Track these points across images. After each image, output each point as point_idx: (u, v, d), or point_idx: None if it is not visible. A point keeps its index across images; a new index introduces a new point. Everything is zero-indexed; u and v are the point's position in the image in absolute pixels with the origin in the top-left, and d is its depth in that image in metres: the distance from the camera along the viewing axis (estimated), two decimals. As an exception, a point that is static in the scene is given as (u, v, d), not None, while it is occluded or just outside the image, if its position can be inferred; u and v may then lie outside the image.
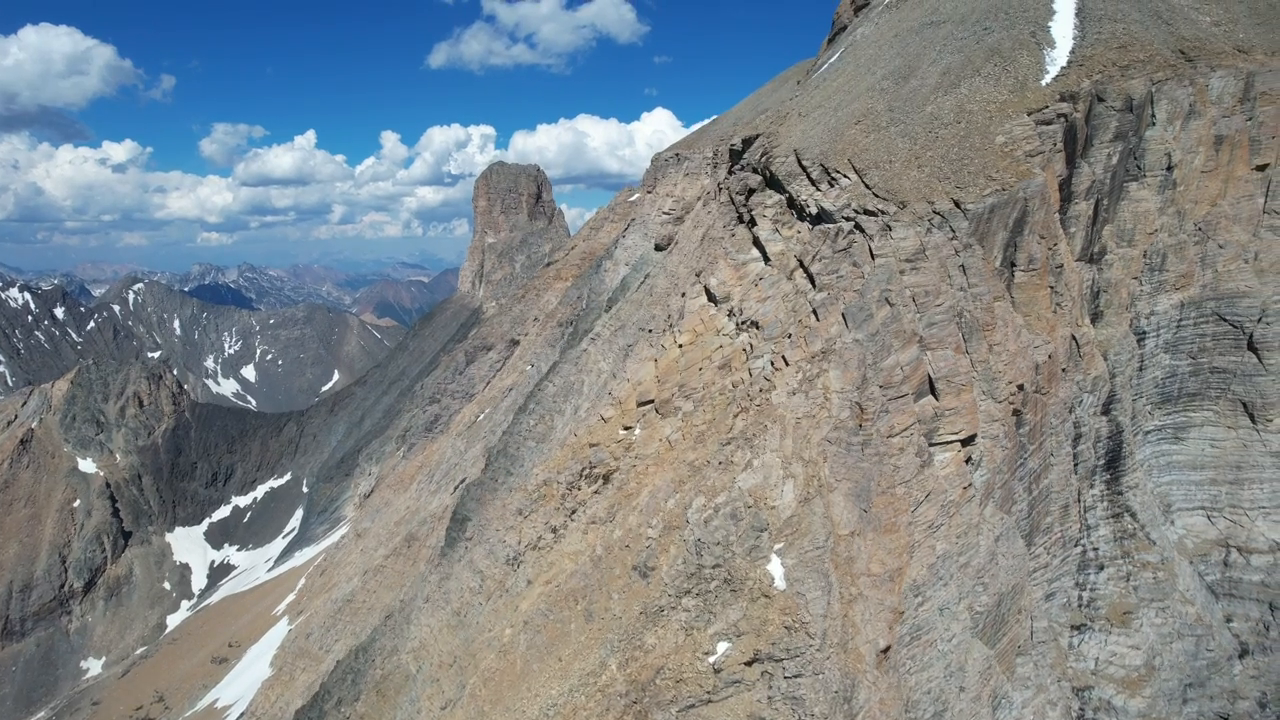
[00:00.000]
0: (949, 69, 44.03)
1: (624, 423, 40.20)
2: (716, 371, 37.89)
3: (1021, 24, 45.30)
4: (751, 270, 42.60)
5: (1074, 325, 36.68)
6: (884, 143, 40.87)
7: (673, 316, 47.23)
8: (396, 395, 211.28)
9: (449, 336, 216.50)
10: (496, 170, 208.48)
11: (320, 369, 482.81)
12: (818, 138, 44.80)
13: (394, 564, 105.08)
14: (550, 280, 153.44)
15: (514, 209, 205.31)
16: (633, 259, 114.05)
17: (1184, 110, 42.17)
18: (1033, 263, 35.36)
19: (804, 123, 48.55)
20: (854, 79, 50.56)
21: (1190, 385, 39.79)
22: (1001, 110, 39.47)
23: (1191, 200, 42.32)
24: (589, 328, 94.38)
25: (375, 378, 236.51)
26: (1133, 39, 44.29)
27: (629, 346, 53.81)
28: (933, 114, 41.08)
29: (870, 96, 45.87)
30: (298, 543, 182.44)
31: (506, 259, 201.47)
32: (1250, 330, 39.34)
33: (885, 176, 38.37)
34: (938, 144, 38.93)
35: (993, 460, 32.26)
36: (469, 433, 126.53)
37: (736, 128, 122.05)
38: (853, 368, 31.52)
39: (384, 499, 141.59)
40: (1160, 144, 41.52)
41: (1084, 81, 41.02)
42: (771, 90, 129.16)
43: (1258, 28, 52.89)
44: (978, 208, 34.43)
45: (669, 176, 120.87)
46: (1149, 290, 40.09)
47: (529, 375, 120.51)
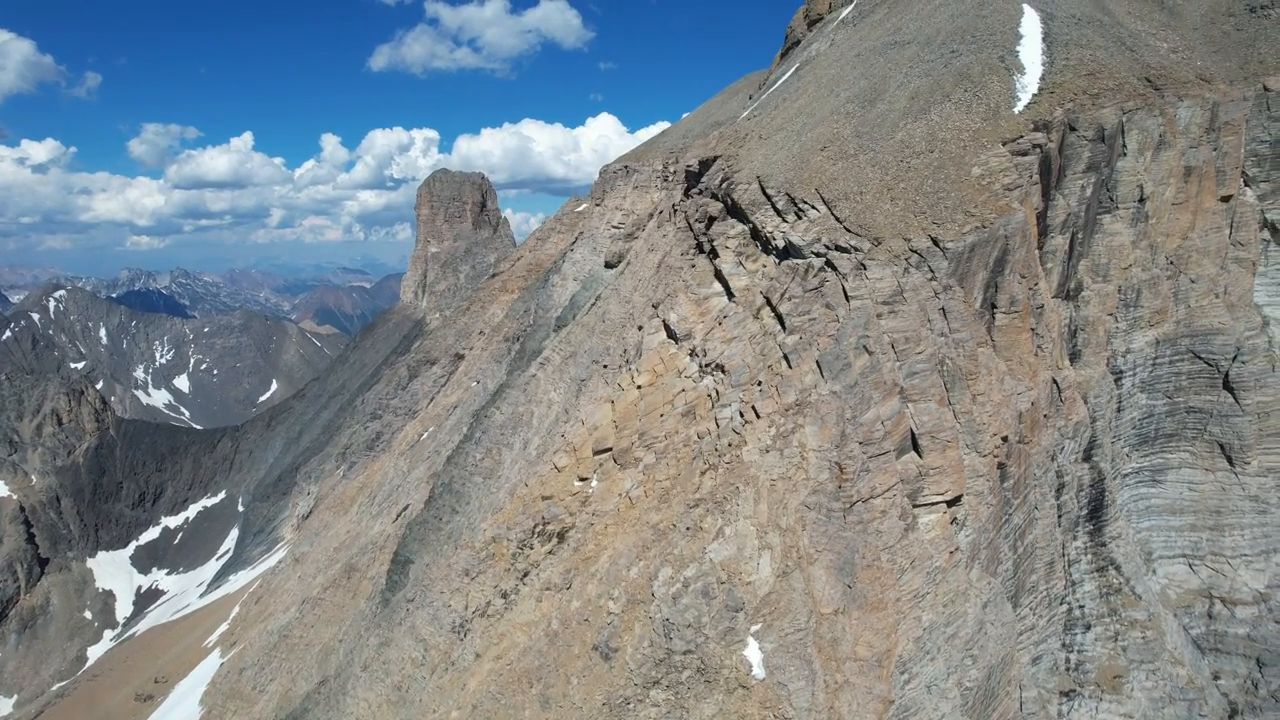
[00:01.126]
0: (917, 93, 42.09)
1: (579, 473, 37.10)
2: (679, 419, 35.08)
3: (990, 48, 43.66)
4: (714, 306, 39.94)
5: (1055, 368, 34.94)
6: (853, 172, 38.65)
7: (629, 352, 44.32)
8: (337, 410, 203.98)
9: (391, 349, 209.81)
10: (440, 178, 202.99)
11: (258, 379, 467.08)
12: (782, 163, 42.42)
13: (333, 596, 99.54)
14: (496, 292, 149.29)
15: (458, 218, 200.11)
16: (581, 274, 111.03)
17: (1154, 140, 41.01)
18: (1014, 304, 33.45)
19: (766, 146, 46.15)
20: (817, 100, 48.39)
21: (1167, 426, 38.50)
22: (975, 139, 37.58)
23: (1163, 233, 41.15)
24: (537, 348, 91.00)
25: (314, 391, 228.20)
26: (1100, 66, 43.01)
27: (582, 381, 50.70)
28: (903, 141, 39.02)
29: (836, 120, 43.68)
30: (232, 565, 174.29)
31: (450, 269, 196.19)
32: (1225, 368, 38.21)
33: (857, 209, 36.10)
34: (910, 175, 36.84)
35: (978, 519, 30.13)
36: (412, 452, 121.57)
37: (687, 140, 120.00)
38: (831, 423, 29.02)
39: (323, 521, 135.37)
40: (1132, 175, 40.25)
41: (1056, 110, 39.45)
42: (721, 102, 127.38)
43: (1214, 55, 52.52)
44: (957, 247, 32.35)
45: (618, 189, 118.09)
46: (1125, 327, 38.69)
47: (474, 392, 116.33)
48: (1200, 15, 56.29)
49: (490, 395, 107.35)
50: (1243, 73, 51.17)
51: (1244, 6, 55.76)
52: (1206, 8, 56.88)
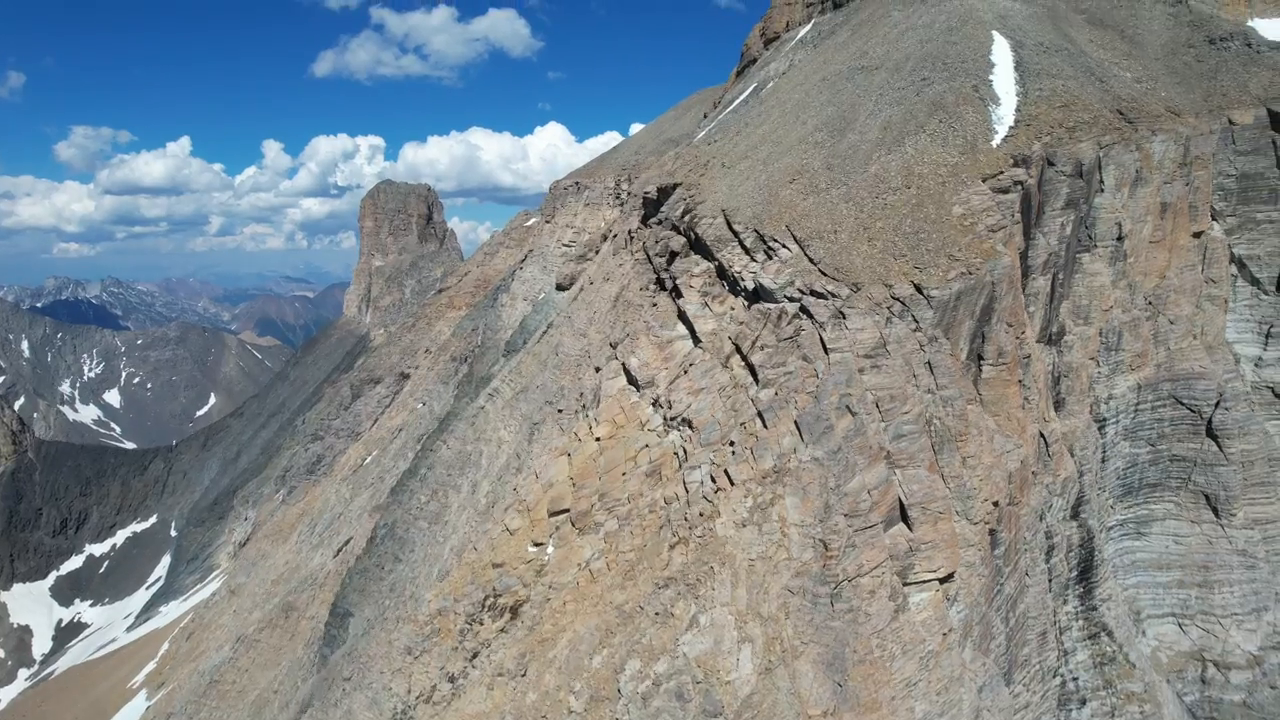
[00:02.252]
0: (890, 123, 39.98)
1: (534, 537, 33.80)
2: (643, 479, 32.07)
3: (962, 76, 41.84)
4: (678, 350, 37.08)
5: (1042, 420, 32.91)
6: (826, 207, 36.25)
7: (586, 397, 41.18)
8: (276, 429, 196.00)
9: (334, 366, 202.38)
10: (384, 189, 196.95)
11: (194, 392, 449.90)
12: (749, 196, 39.85)
13: (269, 637, 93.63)
14: (442, 308, 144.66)
15: (403, 230, 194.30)
16: (532, 294, 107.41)
17: (1131, 176, 39.59)
18: (1003, 356, 31.33)
19: (730, 176, 43.57)
20: (782, 127, 46.05)
21: (1151, 475, 36.89)
22: (954, 175, 35.52)
23: (1141, 272, 39.71)
24: (486, 374, 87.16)
25: (253, 409, 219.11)
26: (1074, 98, 41.54)
27: (535, 424, 47.35)
28: (878, 175, 36.77)
29: (804, 150, 41.34)
30: (163, 595, 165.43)
31: (395, 283, 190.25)
32: (1208, 415, 36.77)
33: (832, 250, 33.65)
34: (887, 212, 34.55)
35: (970, 593, 27.76)
36: (355, 478, 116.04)
37: (640, 156, 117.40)
38: (813, 494, 26.33)
39: (261, 550, 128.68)
40: (1110, 212, 38.71)
41: (1034, 144, 37.68)
42: (674, 118, 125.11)
43: (1178, 86, 51.80)
44: (943, 295, 30.07)
45: (569, 206, 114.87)
46: (1107, 372, 36.99)
47: (420, 415, 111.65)
48: (1161, 45, 55.76)
49: (437, 422, 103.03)
50: (1207, 105, 50.54)
51: (1203, 38, 55.36)
52: (1166, 38, 56.40)
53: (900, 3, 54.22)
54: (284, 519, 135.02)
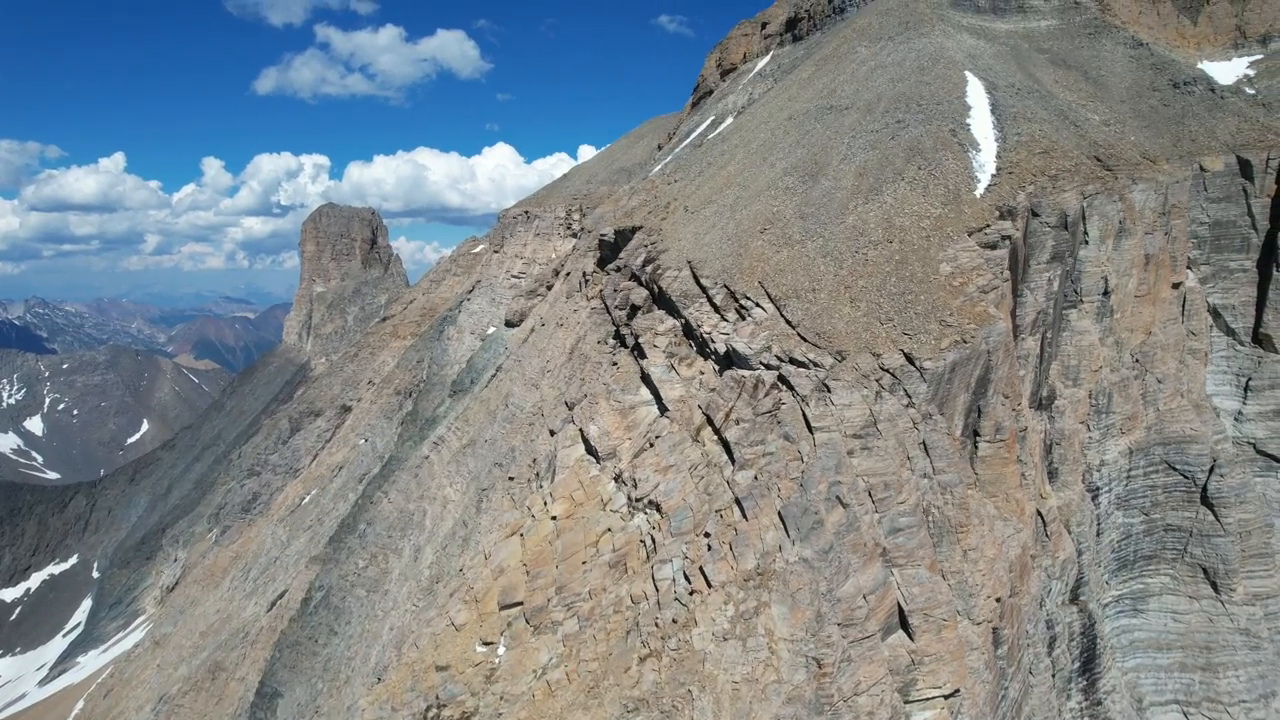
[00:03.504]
0: (865, 168, 37.48)
1: (483, 634, 29.89)
2: (607, 571, 28.49)
3: (938, 119, 39.66)
4: (642, 418, 33.72)
5: (1039, 498, 30.36)
6: (802, 262, 33.40)
7: (540, 465, 37.46)
8: (211, 463, 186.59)
9: (272, 395, 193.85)
10: (327, 213, 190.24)
11: (126, 419, 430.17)
12: (716, 247, 36.86)
13: (194, 702, 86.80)
14: (386, 338, 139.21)
15: (346, 255, 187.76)
16: (480, 328, 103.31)
17: (1114, 227, 37.74)
18: (1000, 432, 28.70)
19: (695, 222, 40.59)
20: (749, 169, 43.31)
21: (1145, 546, 34.69)
22: (938, 228, 33.03)
23: (1127, 328, 37.78)
24: (431, 416, 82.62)
25: (186, 441, 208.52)
26: (1053, 144, 39.69)
27: (484, 490, 43.37)
28: (856, 228, 34.11)
29: (774, 196, 38.58)
30: (82, 644, 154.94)
31: (337, 310, 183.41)
32: (1202, 481, 34.77)
33: (811, 312, 30.73)
34: (869, 269, 31.82)
35: (975, 703, 24.80)
36: (292, 519, 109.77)
37: (591, 185, 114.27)
38: (804, 602, 23.10)
39: (190, 596, 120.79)
40: (1096, 265, 36.74)
41: (1018, 194, 35.52)
42: (626, 146, 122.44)
43: (1146, 130, 50.72)
44: (937, 367, 27.31)
45: (518, 235, 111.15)
46: (1098, 437, 34.79)
47: (362, 451, 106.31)
48: (1125, 88, 54.91)
49: (380, 461, 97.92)
50: (1176, 150, 49.54)
51: (1167, 82, 54.66)
52: (1130, 81, 55.61)
53: (866, 39, 52.27)
54: (216, 562, 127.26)
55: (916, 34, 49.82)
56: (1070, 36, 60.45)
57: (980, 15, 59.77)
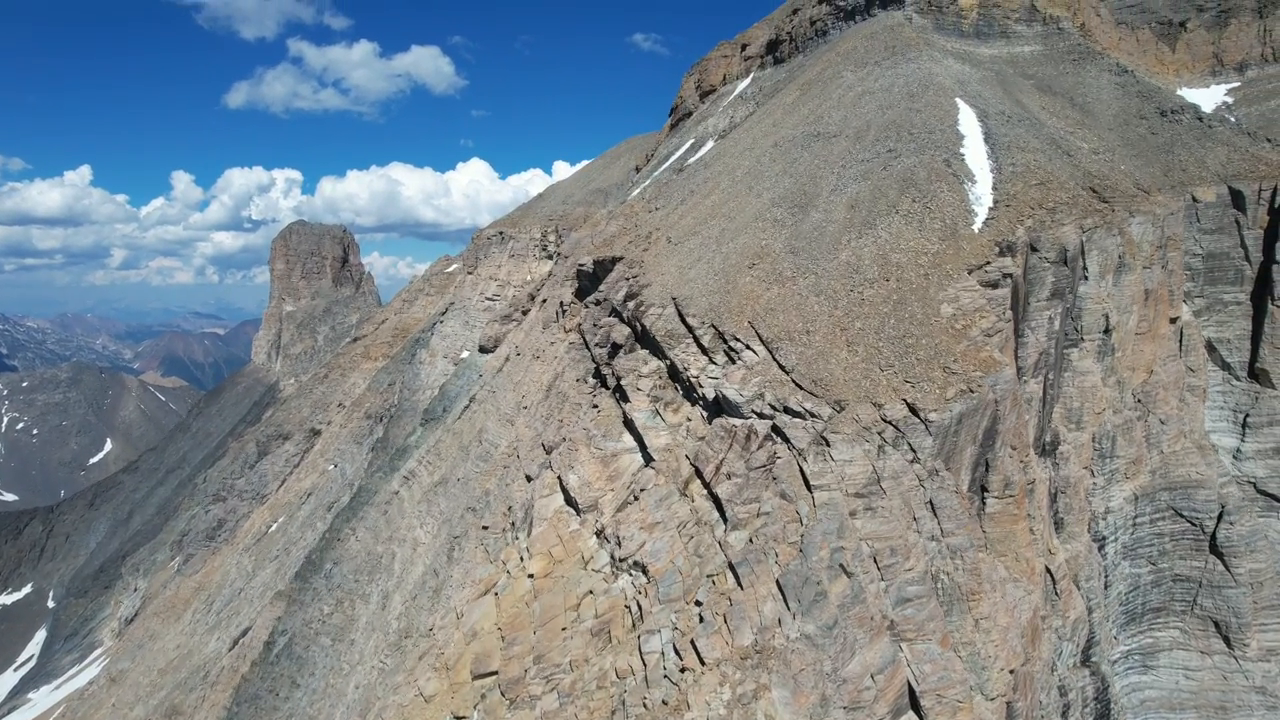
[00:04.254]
0: (857, 200, 35.83)
1: (454, 707, 27.46)
2: (589, 640, 26.22)
3: (931, 149, 38.18)
4: (625, 467, 31.57)
5: (1047, 554, 28.62)
6: (794, 300, 31.56)
7: (515, 513, 35.13)
8: (174, 487, 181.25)
9: (239, 417, 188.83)
10: (297, 230, 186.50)
11: (88, 438, 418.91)
12: (703, 282, 34.93)
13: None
14: (357, 359, 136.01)
15: (317, 274, 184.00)
16: (453, 351, 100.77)
17: (1114, 262, 36.39)
18: (1009, 488, 26.93)
19: (678, 254, 38.67)
20: (734, 198, 41.54)
21: (1154, 598, 33.10)
22: (937, 266, 31.37)
23: (1129, 367, 36.36)
24: (403, 446, 79.80)
25: (150, 464, 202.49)
26: (1049, 175, 38.35)
27: (456, 538, 40.87)
28: (850, 264, 32.36)
29: (762, 228, 36.80)
30: (34, 679, 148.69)
31: (307, 330, 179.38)
32: (1210, 529, 33.27)
33: (806, 356, 28.84)
34: (866, 310, 30.03)
35: (989, 789, 22.84)
36: (258, 548, 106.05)
37: (567, 206, 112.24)
38: (807, 685, 21.02)
39: (149, 629, 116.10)
40: (1096, 302, 35.31)
41: (1017, 228, 34.03)
42: (603, 166, 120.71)
43: (1135, 159, 49.77)
44: (943, 419, 25.50)
45: (492, 257, 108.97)
46: (1102, 483, 33.21)
47: (331, 477, 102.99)
48: (1112, 115, 54.12)
49: (349, 489, 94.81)
50: (1167, 180, 48.64)
51: (1154, 110, 53.92)
52: (1116, 108, 54.85)
53: (852, 63, 50.94)
54: (178, 593, 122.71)
55: (904, 59, 48.56)
56: (1054, 62, 59.73)
57: (964, 40, 58.85)
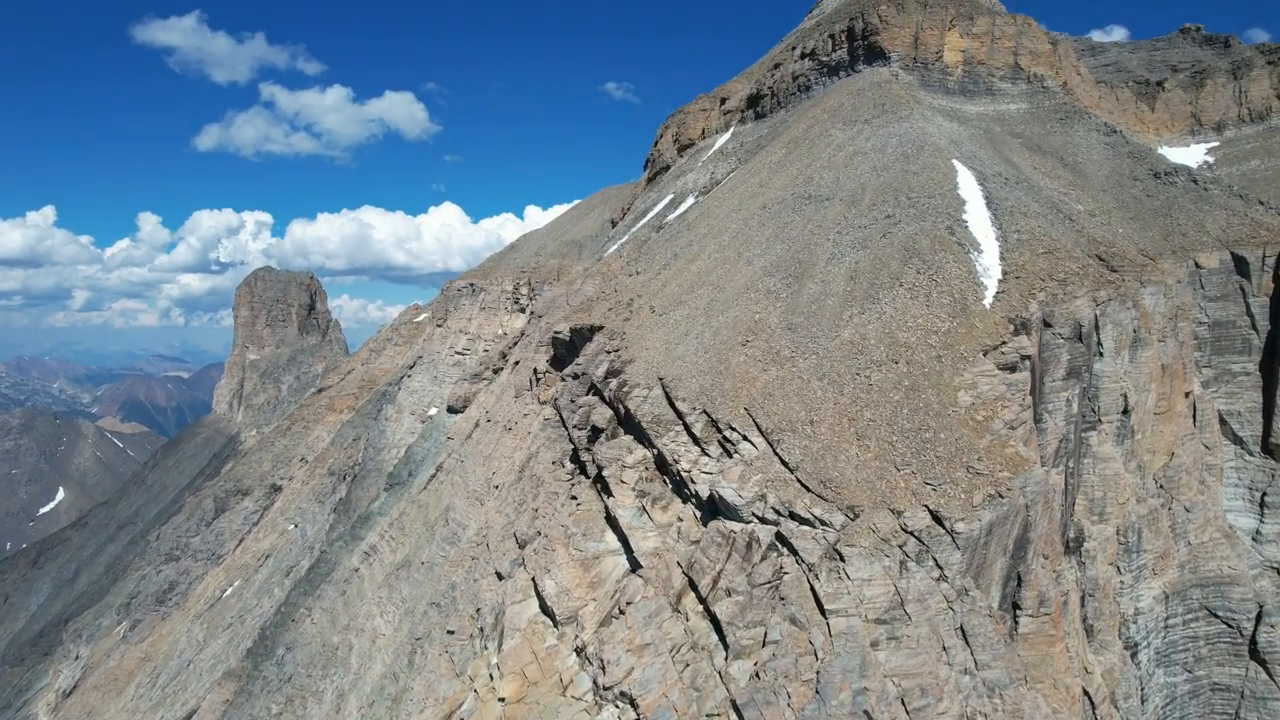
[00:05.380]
0: (857, 271, 33.24)
1: None
2: (569, 790, 22.43)
3: (933, 215, 35.87)
4: (608, 572, 28.09)
5: (1083, 673, 25.51)
6: (795, 384, 28.61)
7: (484, 617, 31.35)
8: (125, 544, 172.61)
9: (198, 470, 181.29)
10: (263, 276, 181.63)
11: (39, 487, 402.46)
12: (692, 360, 31.91)
13: None
14: (322, 411, 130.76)
15: (282, 321, 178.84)
16: (421, 408, 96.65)
17: (1129, 337, 34.04)
18: (1045, 605, 23.93)
19: (664, 327, 35.68)
20: (722, 265, 38.82)
21: (1192, 711, 30.10)
22: (949, 346, 28.68)
23: (1149, 450, 33.83)
24: (365, 514, 75.28)
25: (100, 518, 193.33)
26: (1055, 243, 36.18)
27: (418, 640, 36.75)
28: (854, 343, 29.57)
29: (754, 300, 34.01)
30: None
31: (271, 379, 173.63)
32: (1249, 631, 30.44)
33: (812, 451, 25.79)
34: (875, 396, 27.15)
35: None
36: (211, 615, 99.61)
37: (540, 259, 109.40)
38: None
39: (88, 705, 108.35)
40: (1114, 381, 32.84)
41: (1030, 303, 31.58)
42: (577, 217, 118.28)
43: (1132, 222, 48.16)
44: (971, 530, 22.48)
45: (462, 309, 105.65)
46: (1130, 581, 30.37)
47: (291, 538, 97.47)
48: (1105, 176, 52.75)
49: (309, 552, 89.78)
50: (1168, 244, 47.01)
51: (1147, 171, 52.62)
52: (1109, 169, 53.52)
53: (840, 121, 49.02)
54: (122, 663, 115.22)
55: (895, 117, 46.69)
56: (1041, 121, 58.59)
57: (950, 97, 57.55)
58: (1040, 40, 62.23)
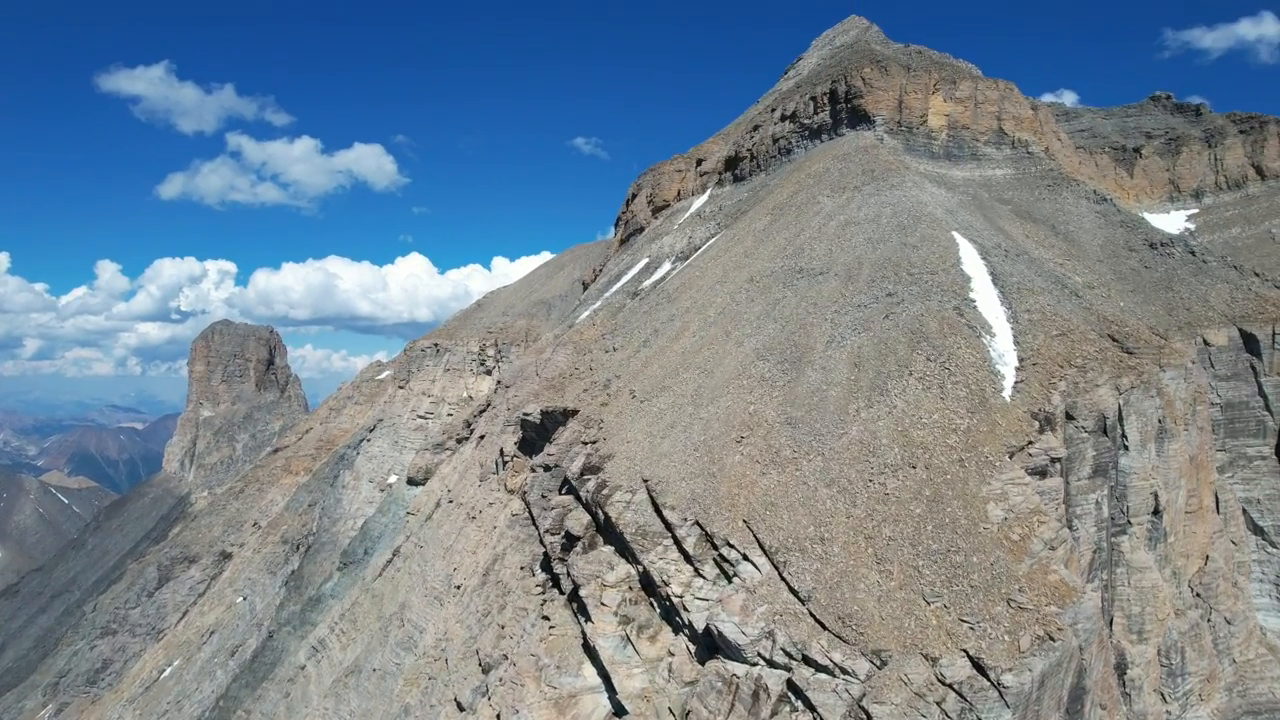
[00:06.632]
0: (860, 357, 30.08)
1: None
2: None
3: (938, 294, 33.02)
4: (586, 713, 23.88)
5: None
6: (799, 492, 25.06)
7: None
8: (59, 615, 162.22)
9: (143, 533, 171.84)
10: (220, 330, 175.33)
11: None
12: (680, 459, 28.25)
13: None
14: (277, 472, 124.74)
15: (239, 377, 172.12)
16: (379, 474, 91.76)
17: (1154, 428, 31.18)
18: (1108, 772, 20.30)
19: (646, 417, 32.06)
20: (709, 344, 35.49)
21: None
22: (971, 447, 25.43)
23: (1182, 554, 30.72)
24: (316, 596, 69.86)
25: (33, 586, 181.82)
26: (1068, 324, 33.48)
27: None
28: (864, 443, 26.20)
29: (748, 388, 30.61)
30: None
31: (225, 437, 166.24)
32: (1308, 768, 27.01)
33: (825, 577, 22.13)
34: (893, 509, 23.68)
35: None
36: (146, 699, 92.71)
37: (508, 318, 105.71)
38: None
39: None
40: (1143, 478, 29.81)
41: (1051, 394, 28.66)
42: (546, 276, 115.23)
43: (1132, 295, 46.11)
44: (1021, 683, 18.88)
45: (426, 370, 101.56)
46: (1177, 710, 27.00)
47: (238, 612, 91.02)
48: (1099, 246, 50.94)
49: (256, 631, 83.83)
50: (1173, 320, 44.93)
51: (1142, 241, 50.89)
52: (1102, 239, 51.75)
53: (828, 187, 46.59)
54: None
55: (886, 185, 44.32)
56: (1029, 187, 56.97)
57: (935, 162, 55.78)
58: (1022, 105, 61.14)
